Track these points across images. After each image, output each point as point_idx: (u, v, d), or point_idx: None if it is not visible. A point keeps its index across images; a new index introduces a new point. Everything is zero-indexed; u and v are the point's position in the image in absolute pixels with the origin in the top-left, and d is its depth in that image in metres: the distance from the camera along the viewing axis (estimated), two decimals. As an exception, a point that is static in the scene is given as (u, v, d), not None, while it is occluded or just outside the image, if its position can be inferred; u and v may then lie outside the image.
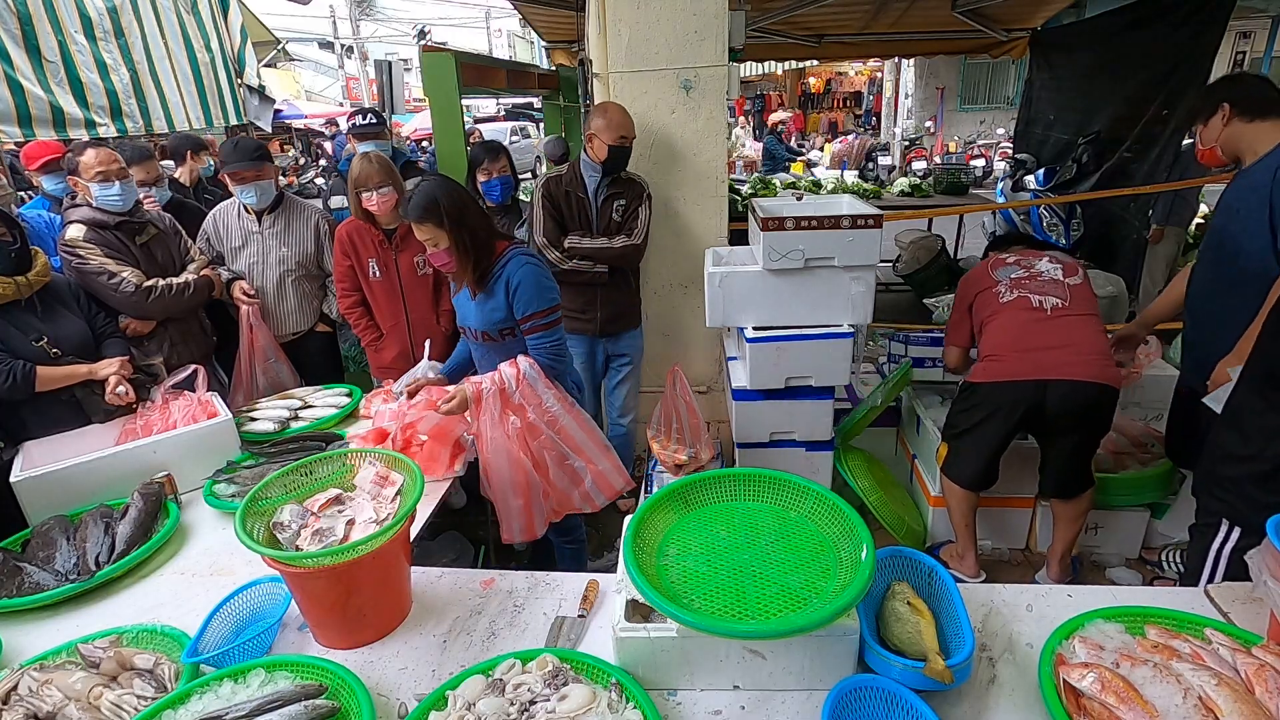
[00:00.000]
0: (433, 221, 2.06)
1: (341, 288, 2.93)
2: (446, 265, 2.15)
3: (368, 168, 2.69)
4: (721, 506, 1.46)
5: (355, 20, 23.06)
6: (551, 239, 2.94)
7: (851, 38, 7.02)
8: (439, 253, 2.11)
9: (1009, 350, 2.46)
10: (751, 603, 1.19)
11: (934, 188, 7.66)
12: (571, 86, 6.68)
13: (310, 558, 1.35)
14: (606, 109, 2.87)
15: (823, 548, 1.32)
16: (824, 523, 1.36)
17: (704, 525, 1.41)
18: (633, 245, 2.95)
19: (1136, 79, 5.13)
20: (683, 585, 1.25)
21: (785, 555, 1.30)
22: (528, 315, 2.16)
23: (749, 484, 1.48)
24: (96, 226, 2.53)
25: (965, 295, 2.70)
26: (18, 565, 1.71)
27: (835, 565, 1.26)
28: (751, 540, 1.35)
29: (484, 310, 2.21)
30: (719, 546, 1.34)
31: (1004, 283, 2.58)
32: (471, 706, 1.17)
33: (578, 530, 2.55)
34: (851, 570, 1.20)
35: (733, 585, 1.23)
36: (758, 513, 1.43)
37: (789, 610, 1.17)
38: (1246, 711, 1.02)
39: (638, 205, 2.98)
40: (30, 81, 3.84)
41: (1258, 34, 13.47)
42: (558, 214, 2.96)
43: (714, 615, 1.16)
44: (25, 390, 2.15)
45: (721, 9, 3.02)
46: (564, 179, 2.97)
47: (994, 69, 15.49)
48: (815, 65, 19.37)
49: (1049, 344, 2.40)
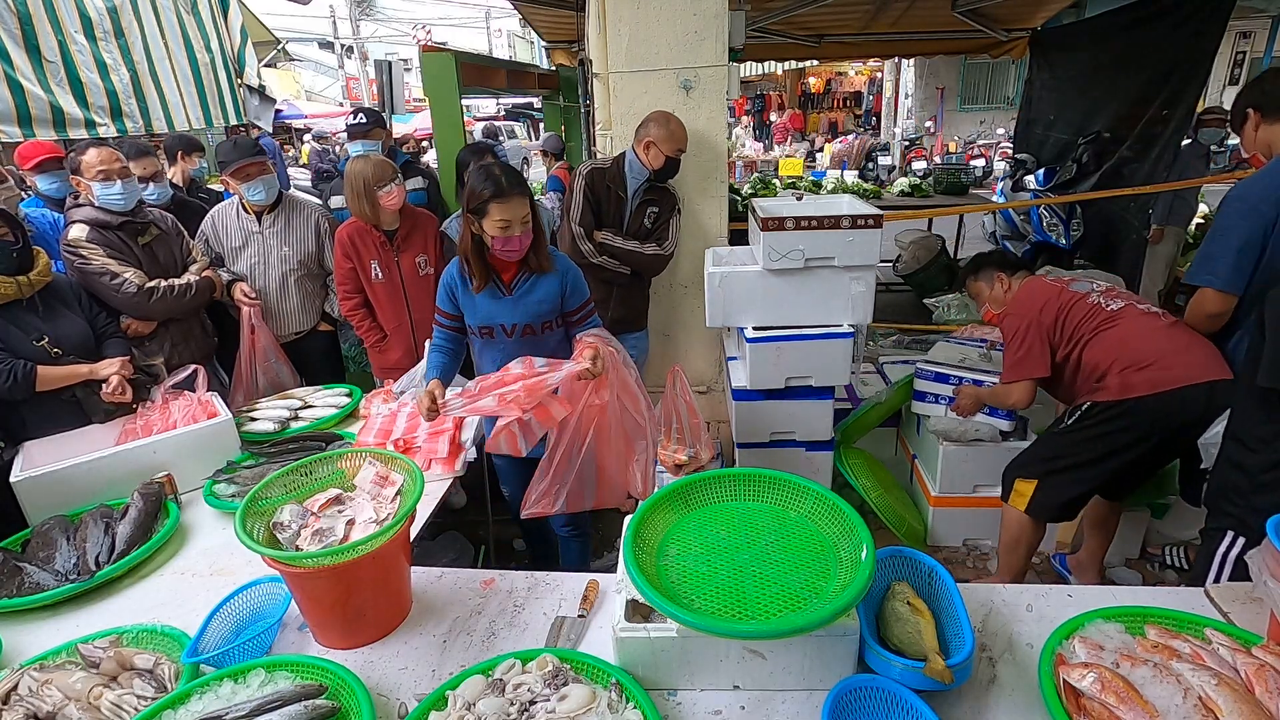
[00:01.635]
0: (528, 193, 2.03)
1: (343, 289, 2.92)
2: (525, 246, 2.06)
3: (374, 167, 2.68)
4: (721, 506, 1.46)
5: (355, 20, 23.06)
6: (587, 229, 2.94)
7: (851, 38, 7.02)
8: (528, 231, 2.04)
9: (1158, 355, 2.17)
10: (752, 603, 1.19)
11: (934, 188, 7.66)
12: (571, 86, 6.68)
13: (310, 558, 1.35)
14: (669, 120, 2.84)
15: (822, 548, 1.31)
16: (824, 523, 1.36)
17: (704, 525, 1.41)
18: (662, 256, 2.97)
19: (1136, 79, 5.13)
20: (683, 585, 1.25)
21: (785, 555, 1.30)
22: (585, 302, 2.21)
23: (749, 484, 1.48)
24: (99, 227, 2.53)
25: (1041, 322, 2.36)
26: (18, 565, 1.71)
27: (835, 565, 1.26)
28: (751, 540, 1.34)
29: (527, 303, 2.15)
30: (719, 546, 1.34)
31: (1095, 293, 2.37)
32: (471, 707, 1.17)
33: (586, 524, 2.54)
34: (851, 570, 1.20)
35: (733, 585, 1.23)
36: (758, 513, 1.43)
37: (789, 610, 1.17)
38: (1246, 711, 1.02)
39: (669, 216, 2.99)
40: (30, 81, 3.84)
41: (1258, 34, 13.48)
42: (596, 205, 2.97)
43: (714, 615, 1.16)
44: (26, 390, 2.15)
45: (721, 9, 3.02)
46: (607, 173, 2.96)
47: (994, 69, 15.50)
48: (815, 65, 19.35)
49: (1181, 346, 2.18)
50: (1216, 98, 13.23)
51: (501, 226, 1.99)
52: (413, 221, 2.86)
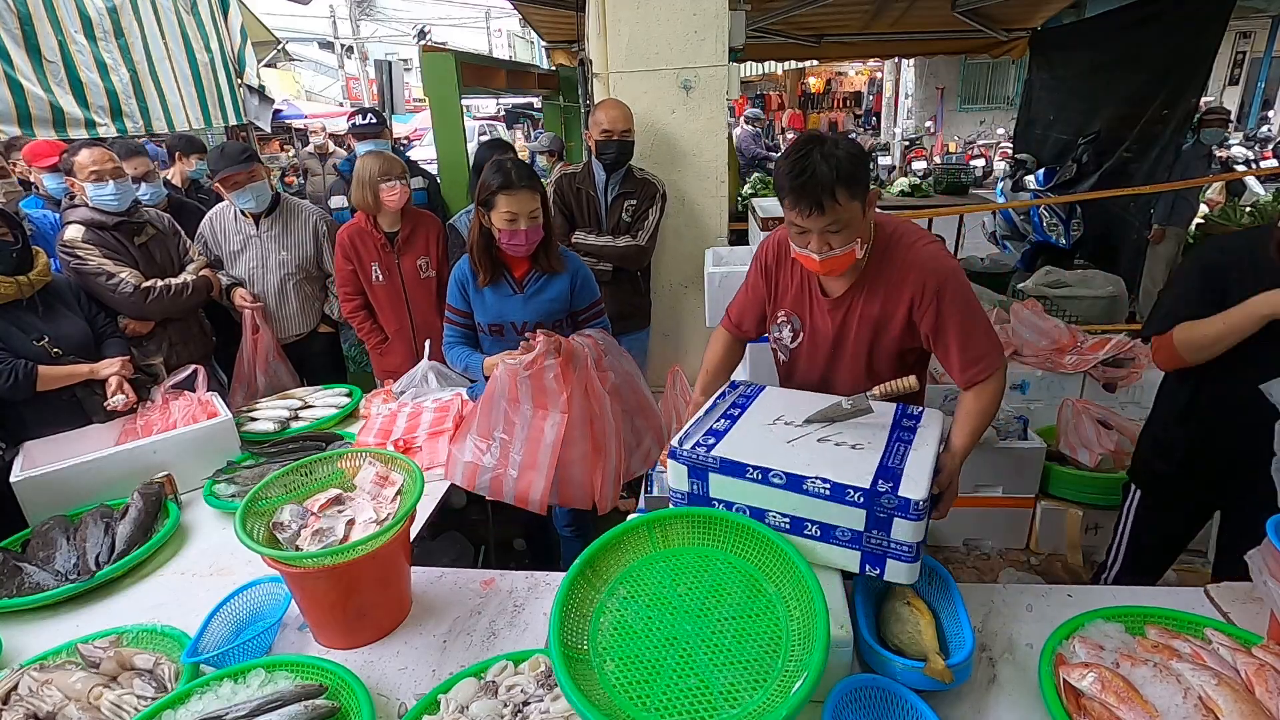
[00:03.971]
0: (539, 189, 2.02)
1: (344, 292, 2.92)
2: (533, 241, 2.06)
3: (381, 161, 2.70)
4: (700, 552, 1.25)
5: (355, 20, 23.04)
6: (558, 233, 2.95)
7: (851, 38, 7.03)
8: (536, 227, 2.04)
9: None
10: (670, 686, 1.04)
11: (934, 188, 7.66)
12: (571, 86, 6.68)
13: (310, 558, 1.35)
14: (601, 105, 2.91)
15: (775, 646, 1.08)
16: (794, 609, 1.12)
17: (670, 571, 1.22)
18: (635, 246, 2.94)
19: (1136, 79, 5.14)
20: (611, 640, 1.11)
21: (732, 643, 1.08)
22: (593, 302, 2.21)
23: (740, 538, 1.25)
24: (95, 227, 2.53)
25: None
26: (18, 565, 1.71)
27: (775, 674, 1.04)
28: (706, 610, 1.14)
29: (538, 301, 2.15)
30: (670, 604, 1.16)
31: None
32: (464, 709, 1.17)
33: (587, 523, 2.54)
34: (780, 694, 1.00)
35: (664, 654, 1.08)
36: (732, 576, 1.20)
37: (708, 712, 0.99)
38: (1246, 711, 1.02)
39: (649, 206, 2.98)
40: (30, 81, 3.83)
41: (1258, 34, 13.49)
42: (567, 210, 2.98)
43: (618, 691, 1.03)
44: (26, 390, 2.15)
45: (721, 9, 3.02)
46: (577, 176, 2.99)
47: (994, 69, 15.49)
48: (815, 65, 19.35)
49: None
50: (1216, 98, 13.24)
51: (508, 219, 1.99)
52: (414, 223, 2.86)
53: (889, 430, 1.44)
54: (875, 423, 1.46)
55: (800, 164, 1.42)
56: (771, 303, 1.79)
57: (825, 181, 1.40)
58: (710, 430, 1.44)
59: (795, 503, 1.29)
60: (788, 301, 1.75)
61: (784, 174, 1.45)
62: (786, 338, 1.78)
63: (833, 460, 1.32)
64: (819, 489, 1.26)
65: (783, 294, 1.76)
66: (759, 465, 1.30)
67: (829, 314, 1.68)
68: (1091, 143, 5.68)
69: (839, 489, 1.24)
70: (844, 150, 1.42)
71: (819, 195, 1.42)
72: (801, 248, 1.53)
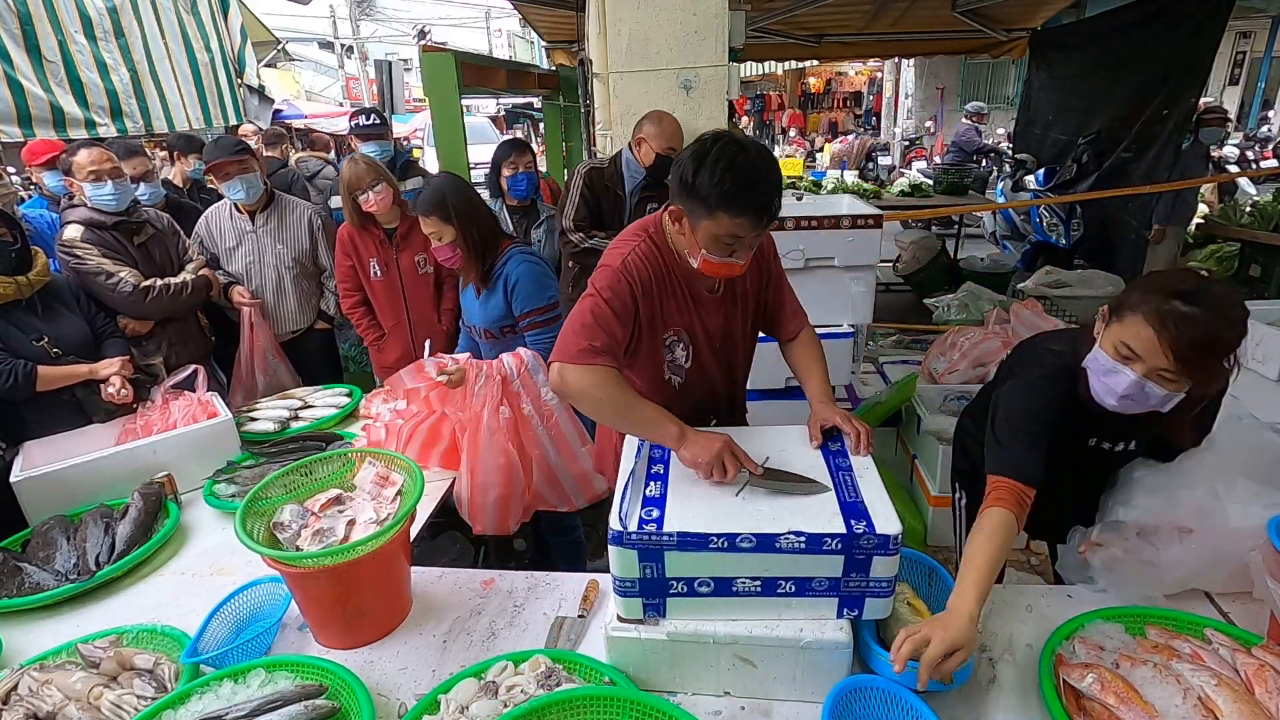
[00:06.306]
0: (439, 215, 2.16)
1: (343, 288, 2.94)
2: (450, 260, 2.22)
3: (357, 170, 2.72)
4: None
5: (355, 20, 23.04)
6: (580, 224, 2.96)
7: (851, 38, 7.03)
8: (443, 247, 2.19)
9: None
10: None
11: (934, 188, 7.66)
12: (571, 86, 6.67)
13: (310, 558, 1.35)
14: (662, 118, 2.86)
15: None
16: None
17: None
18: None
19: (1136, 79, 5.14)
20: None
21: None
22: (526, 312, 2.21)
23: None
24: (94, 227, 2.53)
25: None
26: (18, 565, 1.71)
27: None
28: None
29: (486, 308, 2.27)
30: None
31: None
32: (465, 710, 1.17)
33: (575, 530, 2.55)
34: None
35: None
36: None
37: None
38: (1246, 711, 1.02)
39: None
40: (30, 81, 3.84)
41: (1258, 34, 13.49)
42: (595, 203, 2.99)
43: None
44: (26, 390, 2.15)
45: (721, 9, 3.02)
46: (605, 172, 2.99)
47: (994, 69, 15.49)
48: (815, 65, 19.34)
49: None
50: (1216, 98, 13.24)
51: (436, 237, 2.21)
52: (413, 220, 2.86)
53: (822, 456, 1.44)
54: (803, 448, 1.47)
55: (749, 175, 1.31)
56: (651, 329, 1.56)
57: (778, 188, 1.33)
58: (646, 500, 1.27)
59: (768, 563, 1.17)
60: (676, 321, 1.58)
61: (733, 186, 1.30)
62: (681, 357, 1.63)
63: (793, 509, 1.23)
64: (793, 544, 1.15)
65: (669, 316, 1.57)
66: (723, 533, 1.16)
67: (718, 309, 1.61)
68: (1091, 143, 5.68)
69: (815, 539, 1.15)
70: (757, 147, 1.36)
71: (773, 204, 1.34)
72: (723, 257, 1.39)
